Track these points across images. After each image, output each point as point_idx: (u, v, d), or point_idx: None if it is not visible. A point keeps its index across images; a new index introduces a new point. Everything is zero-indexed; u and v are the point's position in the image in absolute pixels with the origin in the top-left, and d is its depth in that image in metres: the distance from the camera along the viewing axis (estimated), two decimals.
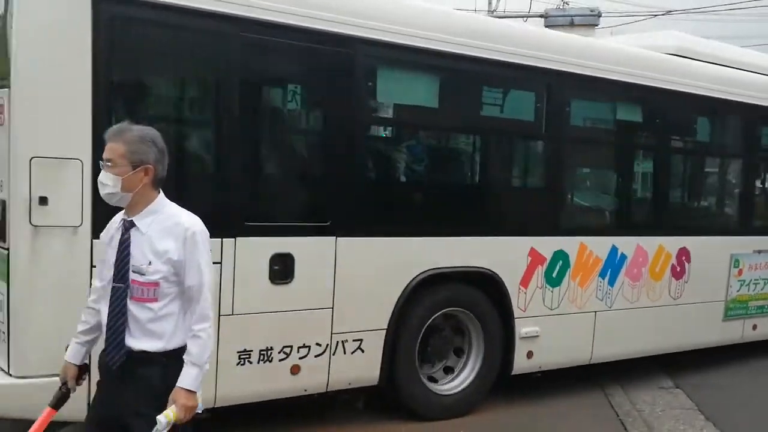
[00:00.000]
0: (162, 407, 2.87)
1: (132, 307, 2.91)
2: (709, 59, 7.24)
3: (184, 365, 2.93)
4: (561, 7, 19.38)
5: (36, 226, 4.05)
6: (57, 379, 3.99)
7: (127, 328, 2.91)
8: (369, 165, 5.43)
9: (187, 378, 2.92)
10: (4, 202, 4.13)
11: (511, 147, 6.26)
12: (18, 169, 4.03)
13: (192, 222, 2.98)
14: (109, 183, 2.89)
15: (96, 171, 3.96)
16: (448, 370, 5.92)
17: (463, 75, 5.60)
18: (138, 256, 2.90)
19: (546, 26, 15.91)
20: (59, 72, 4.10)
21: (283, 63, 4.93)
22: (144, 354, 2.92)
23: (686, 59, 7.03)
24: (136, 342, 2.92)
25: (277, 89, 5.02)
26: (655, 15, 21.00)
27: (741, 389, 7.20)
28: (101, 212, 4.03)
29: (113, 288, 2.92)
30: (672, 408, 6.44)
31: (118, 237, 2.94)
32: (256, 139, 4.88)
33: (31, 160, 4.00)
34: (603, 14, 17.58)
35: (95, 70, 4.13)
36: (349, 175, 5.14)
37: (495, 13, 18.76)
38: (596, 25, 17.06)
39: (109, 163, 2.89)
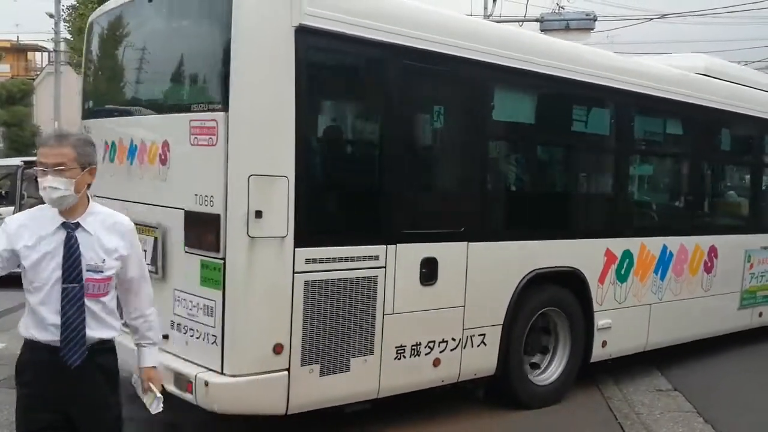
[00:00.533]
0: (117, 391, 3.25)
1: (89, 303, 3.07)
2: (732, 79, 8.19)
3: (147, 347, 3.40)
4: (557, 11, 19.54)
5: (253, 237, 4.45)
6: (267, 376, 4.50)
7: (87, 324, 3.08)
8: (491, 178, 6.03)
9: (155, 356, 3.43)
10: (218, 216, 4.51)
11: (594, 161, 7.00)
12: (237, 185, 4.43)
13: (127, 219, 3.26)
14: (61, 187, 2.99)
15: (298, 187, 4.49)
16: (535, 366, 6.54)
17: (567, 97, 6.31)
18: (90, 255, 3.06)
19: (542, 30, 15.92)
20: (269, 97, 4.52)
21: (435, 88, 5.50)
22: (102, 343, 3.15)
23: (715, 79, 7.93)
24: (94, 332, 3.10)
25: (431, 113, 5.58)
26: (651, 19, 21.50)
27: (740, 392, 7.18)
28: (302, 223, 4.56)
29: (65, 289, 3.03)
30: (670, 411, 6.50)
31: (59, 239, 3.04)
32: (414, 157, 5.42)
33: (249, 177, 4.41)
34: (598, 18, 17.86)
35: (297, 95, 4.57)
36: (476, 187, 5.77)
37: (491, 17, 18.91)
38: (592, 29, 17.43)
39: (62, 167, 2.99)
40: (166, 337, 4.96)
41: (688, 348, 7.95)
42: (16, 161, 12.44)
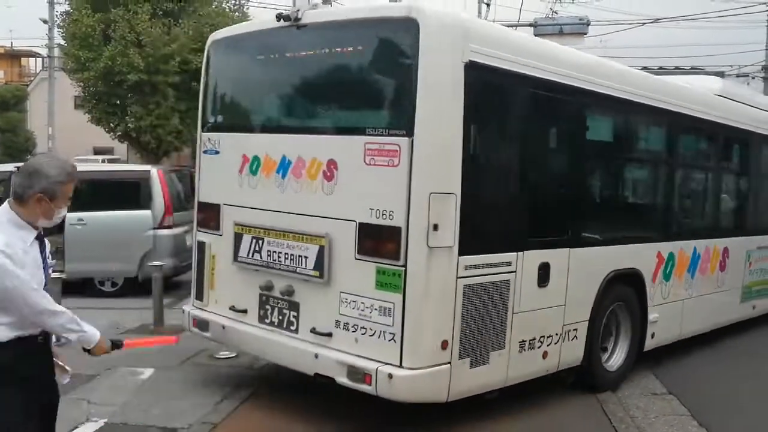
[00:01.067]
0: None
1: None
2: (742, 100, 9.31)
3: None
4: (550, 16, 19.71)
5: (431, 247, 5.09)
6: (437, 369, 5.15)
7: None
8: (586, 191, 6.93)
9: None
10: (399, 228, 5.12)
11: (652, 175, 7.93)
12: (419, 202, 5.05)
13: None
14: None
15: (462, 203, 5.16)
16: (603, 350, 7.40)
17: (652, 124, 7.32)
18: (49, 257, 3.57)
19: (535, 35, 16.16)
20: (443, 124, 5.16)
21: (564, 118, 6.41)
22: None
23: (731, 100, 9.00)
24: None
25: (557, 140, 6.46)
26: (644, 23, 22.30)
27: (734, 396, 7.25)
28: (463, 234, 5.24)
29: (47, 289, 3.51)
30: (665, 414, 6.54)
31: (37, 248, 3.47)
32: (541, 176, 6.21)
33: (430, 195, 5.06)
34: (591, 23, 17.94)
35: (464, 122, 5.22)
36: (577, 200, 6.63)
37: None
38: (585, 34, 17.57)
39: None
40: (329, 335, 5.55)
41: (682, 352, 8.41)
42: (10, 167, 12.28)
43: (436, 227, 5.09)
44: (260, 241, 6.01)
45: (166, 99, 21.61)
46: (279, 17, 5.78)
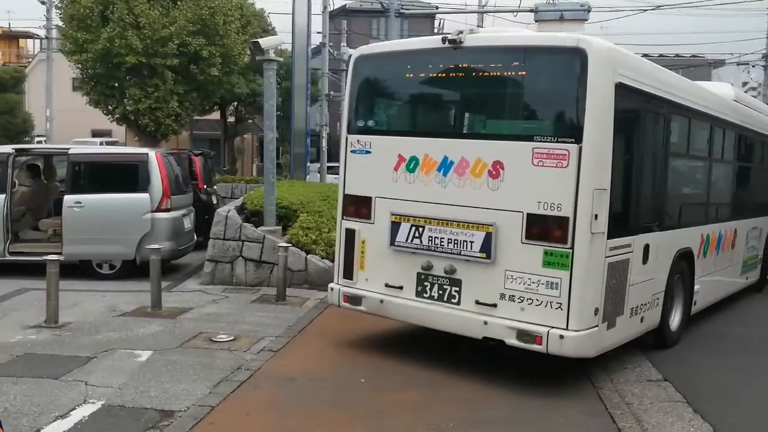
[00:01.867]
0: None
1: None
2: (751, 105, 10.96)
3: None
4: (551, 1, 19.66)
5: (593, 233, 6.33)
6: (592, 330, 6.40)
7: None
8: (670, 186, 8.28)
9: None
10: (567, 218, 6.32)
11: (702, 172, 9.43)
12: (585, 197, 6.26)
13: None
14: None
15: (611, 197, 6.42)
16: None
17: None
18: None
19: (536, 21, 16.67)
20: (602, 133, 6.36)
21: (677, 132, 7.90)
22: None
23: (744, 106, 10.63)
24: None
25: (671, 150, 7.99)
26: (645, 10, 23.20)
27: (728, 383, 7.42)
28: (610, 222, 6.49)
29: None
30: (660, 401, 6.63)
31: None
32: (655, 176, 7.67)
33: (593, 191, 6.28)
34: (592, 9, 17.89)
35: (614, 131, 6.45)
36: (666, 192, 8.05)
37: (485, 8, 19.33)
38: (586, 20, 17.59)
39: None
40: (494, 305, 6.71)
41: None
42: (8, 149, 12.44)
43: (596, 217, 6.32)
44: (420, 229, 7.07)
45: (165, 82, 21.69)
46: (444, 40, 6.84)
